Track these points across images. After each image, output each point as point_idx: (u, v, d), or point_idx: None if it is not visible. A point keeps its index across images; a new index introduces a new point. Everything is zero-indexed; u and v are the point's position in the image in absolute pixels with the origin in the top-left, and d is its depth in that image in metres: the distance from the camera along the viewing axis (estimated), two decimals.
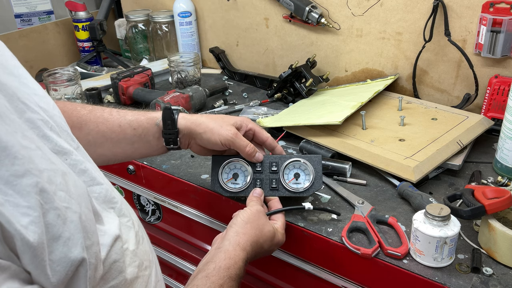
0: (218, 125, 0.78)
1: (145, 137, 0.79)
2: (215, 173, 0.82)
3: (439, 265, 0.68)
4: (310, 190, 0.80)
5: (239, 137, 0.78)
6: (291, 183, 0.81)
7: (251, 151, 0.79)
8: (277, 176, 0.81)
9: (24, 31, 1.55)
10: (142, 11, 1.61)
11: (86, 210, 0.44)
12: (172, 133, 0.78)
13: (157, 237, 1.15)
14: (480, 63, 1.06)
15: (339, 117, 0.97)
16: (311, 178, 0.80)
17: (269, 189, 0.81)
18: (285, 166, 0.81)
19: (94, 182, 0.52)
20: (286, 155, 0.83)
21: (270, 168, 0.82)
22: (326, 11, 1.25)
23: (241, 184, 0.81)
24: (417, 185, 0.86)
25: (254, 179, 0.81)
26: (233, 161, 0.82)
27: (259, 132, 0.83)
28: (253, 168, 0.81)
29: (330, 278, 0.80)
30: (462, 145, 0.93)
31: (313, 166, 0.81)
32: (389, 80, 1.17)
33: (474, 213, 0.69)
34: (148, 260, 0.57)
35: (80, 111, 0.76)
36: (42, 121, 0.46)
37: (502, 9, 0.99)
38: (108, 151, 0.78)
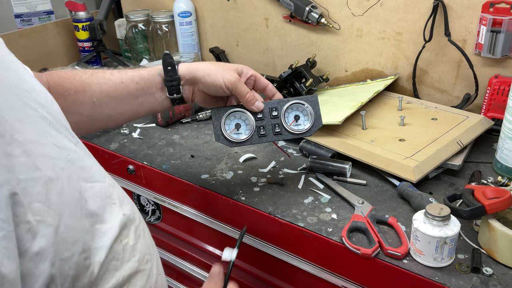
0: (221, 68, 0.78)
1: (148, 89, 0.78)
2: (217, 125, 0.81)
3: (439, 265, 0.68)
4: (312, 130, 0.82)
5: (241, 83, 0.78)
6: (293, 125, 0.82)
7: (251, 98, 0.79)
8: (278, 121, 0.82)
9: (24, 31, 1.55)
10: (142, 11, 1.61)
11: (70, 219, 0.43)
12: (174, 80, 0.77)
13: (157, 237, 1.15)
14: (480, 63, 1.06)
15: (339, 117, 0.97)
16: (310, 119, 0.82)
17: (273, 134, 0.82)
18: (285, 109, 0.82)
19: (93, 179, 0.51)
20: (283, 99, 0.83)
21: (271, 114, 0.82)
22: (326, 11, 1.25)
23: (244, 134, 0.81)
24: (417, 185, 0.86)
25: (257, 126, 0.81)
26: (234, 111, 0.81)
27: (260, 78, 0.83)
28: (254, 116, 0.82)
29: (330, 278, 0.80)
30: (462, 145, 0.93)
31: (311, 106, 0.82)
32: (389, 80, 1.17)
33: (474, 213, 0.69)
34: (149, 253, 0.57)
35: (81, 75, 0.76)
36: (40, 118, 0.45)
37: (502, 9, 0.99)
38: (114, 110, 0.78)
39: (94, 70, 0.79)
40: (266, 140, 0.82)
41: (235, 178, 0.95)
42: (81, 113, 0.76)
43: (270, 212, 0.83)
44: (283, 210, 0.84)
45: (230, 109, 0.81)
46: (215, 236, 0.99)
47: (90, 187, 0.50)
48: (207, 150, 1.06)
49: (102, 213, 0.50)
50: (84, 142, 1.13)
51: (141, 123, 1.20)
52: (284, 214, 0.83)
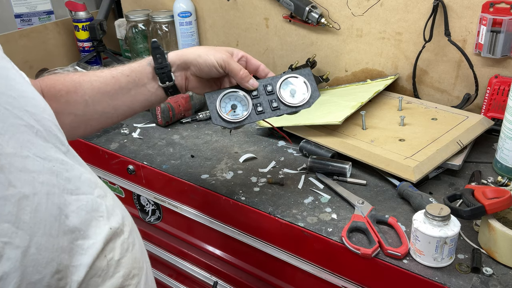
0: (212, 49, 0.77)
1: (140, 80, 0.77)
2: (213, 108, 0.79)
3: (439, 265, 0.68)
4: (310, 101, 0.80)
5: (233, 60, 0.77)
6: (290, 100, 0.80)
7: (245, 75, 0.77)
8: (274, 96, 0.80)
9: (24, 31, 1.55)
10: (142, 11, 1.61)
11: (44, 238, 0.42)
12: (164, 66, 0.76)
13: (157, 237, 1.15)
14: (480, 63, 1.06)
15: (339, 117, 0.97)
16: (307, 91, 0.80)
17: (271, 110, 0.80)
18: (279, 84, 0.80)
19: (79, 191, 0.50)
20: (277, 76, 0.81)
21: (266, 90, 0.80)
22: (326, 11, 1.25)
23: (241, 113, 0.79)
24: (417, 185, 0.86)
25: (254, 104, 0.80)
26: (228, 93, 0.80)
27: (251, 59, 0.82)
28: (250, 95, 0.80)
29: (330, 278, 0.80)
30: (462, 145, 0.93)
31: (306, 79, 0.80)
32: (389, 80, 1.17)
33: (474, 213, 0.69)
34: (138, 267, 0.56)
35: (72, 76, 0.76)
36: (25, 127, 0.44)
37: (502, 9, 0.99)
38: (108, 107, 0.77)
39: (85, 71, 0.79)
40: (264, 116, 0.80)
41: (235, 178, 0.95)
42: (75, 113, 0.75)
43: (270, 212, 0.83)
44: (283, 210, 0.84)
45: (225, 90, 0.80)
46: (215, 236, 0.99)
47: (75, 200, 0.48)
48: (207, 150, 1.06)
49: (86, 228, 0.49)
50: (84, 143, 1.14)
51: (141, 123, 1.20)
52: (284, 214, 0.83)
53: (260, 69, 0.82)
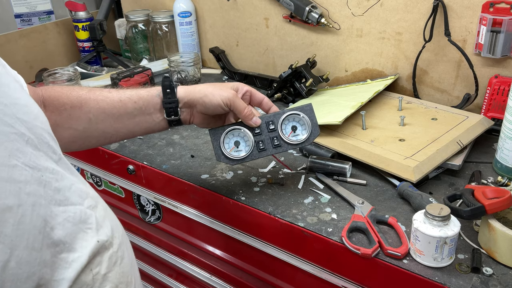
0: (217, 88, 0.79)
1: (146, 109, 0.78)
2: (217, 145, 0.82)
3: (439, 265, 0.68)
4: (310, 139, 0.83)
5: (239, 98, 0.80)
6: (291, 137, 0.83)
7: (248, 113, 0.80)
8: (276, 134, 0.83)
9: (24, 31, 1.55)
10: (142, 11, 1.61)
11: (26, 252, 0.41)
12: (172, 102, 0.78)
13: (157, 237, 1.15)
14: (480, 63, 1.06)
15: (339, 117, 0.97)
16: (307, 128, 0.83)
17: (273, 147, 0.83)
18: (281, 121, 0.83)
19: (68, 202, 0.49)
20: (279, 112, 0.84)
21: (268, 128, 0.83)
22: (326, 11, 1.25)
23: (244, 150, 0.83)
24: (417, 185, 0.86)
25: (256, 141, 0.83)
26: (232, 130, 0.82)
27: (255, 93, 0.85)
28: (252, 132, 0.83)
29: (330, 278, 0.80)
30: (462, 145, 0.93)
31: (307, 116, 0.83)
32: (389, 80, 1.17)
33: (474, 213, 0.69)
34: (126, 282, 0.55)
35: (78, 91, 0.76)
36: (16, 135, 0.44)
37: (502, 9, 0.99)
38: (109, 127, 0.78)
39: (91, 87, 0.79)
40: (266, 154, 0.83)
41: (235, 178, 0.95)
42: (76, 128, 0.75)
43: (270, 212, 0.83)
44: (283, 210, 0.84)
45: (228, 127, 0.82)
46: (215, 236, 0.99)
47: (62, 211, 0.48)
48: (207, 150, 1.06)
49: (72, 241, 0.48)
50: None
51: None
52: (284, 214, 0.83)
53: (264, 103, 0.85)
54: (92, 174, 1.21)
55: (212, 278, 1.07)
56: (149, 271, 1.26)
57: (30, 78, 1.53)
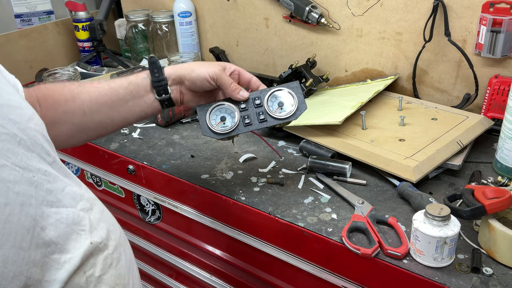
0: (205, 64, 0.80)
1: (137, 92, 0.79)
2: (203, 121, 0.83)
3: (439, 265, 0.68)
4: (296, 114, 0.82)
5: (225, 74, 0.80)
6: (278, 112, 0.82)
7: (235, 87, 0.81)
8: (262, 109, 0.83)
9: (24, 31, 1.55)
10: (142, 11, 1.61)
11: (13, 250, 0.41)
12: (161, 80, 0.79)
13: (157, 237, 1.15)
14: (480, 63, 1.06)
15: (339, 117, 0.97)
16: (294, 103, 0.82)
17: (258, 122, 0.82)
18: (267, 97, 0.83)
19: (60, 203, 0.49)
20: (266, 89, 0.84)
21: (254, 103, 0.83)
22: (326, 11, 1.25)
23: (230, 125, 0.82)
24: (417, 185, 0.86)
25: (242, 116, 0.82)
26: (218, 105, 0.83)
27: (243, 73, 0.85)
28: (238, 107, 0.83)
29: (330, 278, 0.80)
30: (462, 145, 0.93)
31: (294, 92, 0.83)
32: (389, 80, 1.17)
33: (474, 213, 0.69)
34: (122, 284, 0.55)
35: (70, 86, 0.78)
36: (7, 135, 0.44)
37: (502, 9, 0.99)
38: (104, 117, 0.78)
39: (82, 81, 0.80)
40: (251, 128, 0.82)
41: (235, 178, 0.95)
42: (73, 122, 0.76)
43: (270, 212, 0.83)
44: (283, 210, 0.84)
45: (215, 103, 0.83)
46: (215, 236, 0.99)
47: (54, 213, 0.48)
48: (207, 150, 1.06)
49: (64, 242, 0.48)
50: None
51: (141, 123, 1.20)
52: (284, 214, 0.83)
53: (252, 82, 0.85)
54: (92, 174, 1.21)
55: (212, 278, 1.07)
56: (149, 271, 1.26)
57: (30, 78, 1.53)
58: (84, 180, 1.24)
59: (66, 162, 1.25)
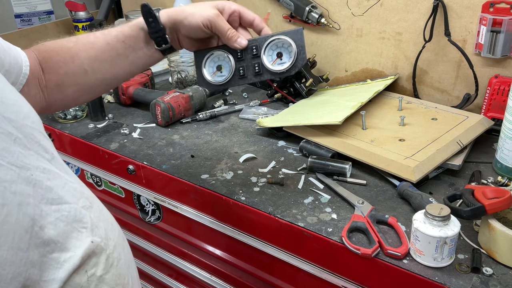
0: (199, 8, 0.73)
1: (135, 45, 0.75)
2: (199, 69, 0.79)
3: (439, 265, 0.68)
4: (294, 68, 0.75)
5: (221, 19, 0.73)
6: (276, 64, 0.76)
7: (231, 35, 0.74)
8: (259, 60, 0.77)
9: (24, 31, 1.55)
10: None
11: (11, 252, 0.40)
12: (158, 31, 0.74)
13: (157, 237, 1.15)
14: (480, 63, 1.06)
15: (339, 117, 0.97)
16: (293, 55, 0.75)
17: (253, 75, 0.77)
18: (265, 47, 0.76)
19: (61, 200, 0.48)
20: (266, 36, 0.77)
21: (252, 53, 0.77)
22: (326, 11, 1.25)
23: (228, 73, 0.78)
24: (417, 185, 0.86)
25: (237, 68, 0.77)
26: (214, 53, 0.78)
27: (244, 12, 0.77)
28: (235, 57, 0.77)
29: (330, 278, 0.80)
30: (462, 145, 0.92)
31: (294, 41, 0.75)
32: (389, 80, 1.17)
33: (474, 213, 0.69)
34: (122, 284, 0.54)
35: (67, 45, 0.75)
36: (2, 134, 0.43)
37: (502, 9, 0.99)
38: (107, 73, 0.76)
39: (78, 36, 0.77)
40: (245, 81, 0.78)
41: (235, 178, 0.95)
42: (78, 83, 0.74)
43: (270, 212, 0.83)
44: (283, 210, 0.84)
45: (211, 50, 0.78)
46: (215, 236, 0.99)
47: (54, 210, 0.47)
48: (207, 150, 1.06)
49: (64, 240, 0.47)
50: (84, 143, 1.14)
51: (141, 123, 1.20)
52: (284, 214, 0.83)
53: (255, 23, 0.77)
54: (92, 174, 1.21)
55: (212, 278, 1.07)
56: (149, 271, 1.26)
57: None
58: (84, 180, 1.24)
59: (66, 162, 1.25)
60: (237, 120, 1.20)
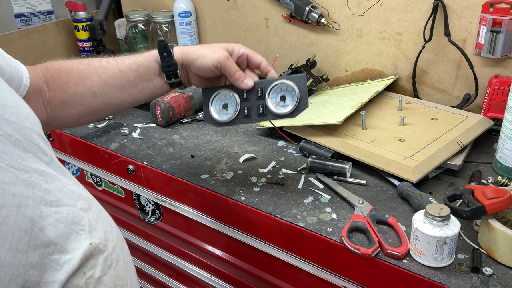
0: (210, 49, 0.77)
1: (147, 75, 0.78)
2: (206, 106, 0.82)
3: (439, 265, 0.68)
4: (296, 112, 0.79)
5: (230, 61, 0.77)
6: (279, 106, 0.79)
7: (239, 76, 0.78)
8: (263, 102, 0.80)
9: (24, 31, 1.55)
10: (142, 11, 1.61)
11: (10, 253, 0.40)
12: (171, 65, 0.78)
13: (157, 237, 1.15)
14: (480, 63, 1.06)
15: (339, 117, 0.97)
16: (295, 100, 0.78)
17: (257, 115, 0.80)
18: (269, 90, 0.80)
19: (60, 202, 0.49)
20: (271, 79, 0.80)
21: (257, 94, 0.80)
22: (326, 11, 1.25)
23: (233, 112, 0.81)
24: (417, 185, 0.86)
25: (242, 107, 0.80)
26: (221, 92, 0.82)
27: (252, 55, 0.81)
28: (241, 97, 0.81)
29: (330, 278, 0.80)
30: (462, 145, 0.93)
31: (297, 86, 0.78)
32: (389, 80, 1.17)
33: (474, 213, 0.69)
34: (121, 285, 0.54)
35: (78, 67, 0.77)
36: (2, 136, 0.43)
37: (502, 9, 0.99)
38: (115, 99, 0.78)
39: (90, 59, 0.79)
40: (249, 121, 0.81)
41: (235, 178, 0.95)
42: (83, 104, 0.76)
43: (270, 212, 0.83)
44: (283, 210, 0.84)
45: (219, 89, 0.82)
46: (215, 236, 0.99)
47: (53, 212, 0.47)
48: (207, 150, 1.06)
49: (64, 242, 0.47)
50: (84, 143, 1.14)
51: (141, 123, 1.20)
52: (284, 214, 0.83)
53: (262, 66, 0.81)
54: (92, 174, 1.21)
55: (212, 278, 1.07)
56: (149, 271, 1.26)
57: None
58: (84, 180, 1.24)
59: (66, 162, 1.25)
60: None
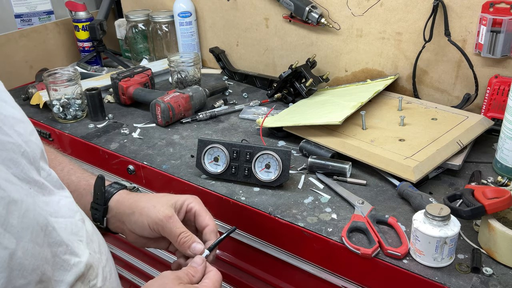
0: (151, 205, 0.65)
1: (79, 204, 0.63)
2: (198, 156, 0.91)
3: (439, 265, 0.68)
4: (277, 182, 0.88)
5: (173, 221, 0.64)
6: (263, 172, 0.88)
7: (183, 240, 0.64)
8: (250, 165, 0.88)
9: (24, 31, 1.55)
10: (142, 11, 1.61)
11: (31, 244, 0.41)
12: (97, 209, 0.67)
13: None
14: (480, 63, 1.06)
15: (339, 117, 0.97)
16: (278, 170, 0.87)
17: (243, 176, 0.89)
18: (257, 157, 0.88)
19: (58, 214, 0.50)
20: (261, 146, 0.88)
21: (246, 157, 0.89)
22: (326, 11, 1.25)
23: (219, 168, 0.90)
24: (417, 185, 0.86)
25: (230, 165, 0.89)
26: (214, 147, 0.90)
27: (200, 215, 0.69)
28: (231, 155, 0.89)
29: (330, 278, 0.80)
30: (462, 145, 0.93)
31: (281, 160, 0.86)
32: (389, 80, 1.17)
33: (474, 213, 0.69)
34: None
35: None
36: (13, 144, 0.44)
37: (502, 9, 0.99)
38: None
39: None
40: (235, 179, 0.90)
41: None
42: None
43: (270, 212, 0.83)
44: (283, 210, 0.84)
45: (213, 143, 0.90)
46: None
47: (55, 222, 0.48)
48: None
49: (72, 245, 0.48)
50: (84, 143, 1.14)
51: (141, 123, 1.20)
52: (284, 214, 0.83)
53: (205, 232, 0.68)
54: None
55: None
56: (149, 271, 1.26)
57: (30, 78, 1.53)
58: None
59: None
60: (237, 120, 1.20)
